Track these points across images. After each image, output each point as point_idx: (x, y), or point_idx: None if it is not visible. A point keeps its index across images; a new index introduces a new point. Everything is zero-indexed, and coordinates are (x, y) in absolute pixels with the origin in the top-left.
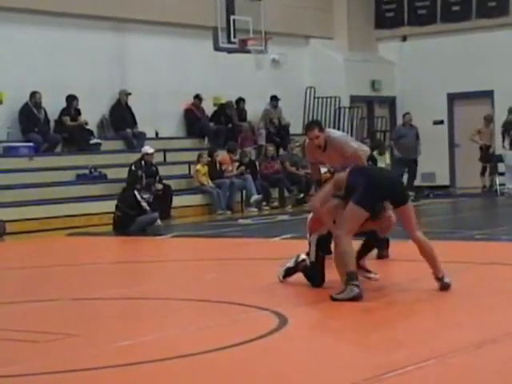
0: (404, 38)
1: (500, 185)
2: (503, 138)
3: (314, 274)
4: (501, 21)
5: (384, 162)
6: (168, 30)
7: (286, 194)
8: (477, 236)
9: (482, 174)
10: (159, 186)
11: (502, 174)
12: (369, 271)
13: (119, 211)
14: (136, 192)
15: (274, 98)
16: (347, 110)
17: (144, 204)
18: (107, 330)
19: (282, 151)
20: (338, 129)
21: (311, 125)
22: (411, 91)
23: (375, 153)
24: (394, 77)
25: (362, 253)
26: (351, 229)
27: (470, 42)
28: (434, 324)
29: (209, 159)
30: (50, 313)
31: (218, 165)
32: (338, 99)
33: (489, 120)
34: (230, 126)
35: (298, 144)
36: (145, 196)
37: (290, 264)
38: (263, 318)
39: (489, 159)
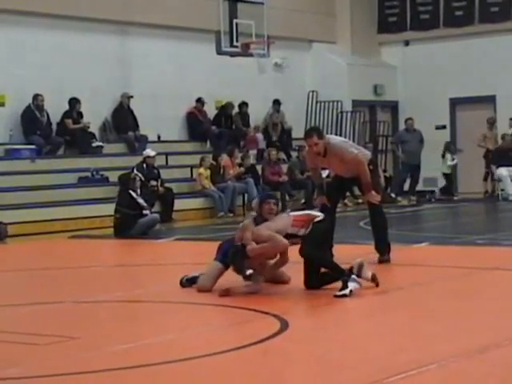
0: (407, 43)
1: (501, 190)
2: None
3: None
4: (503, 26)
5: (446, 163)
6: (171, 34)
7: (287, 198)
8: (478, 241)
9: (485, 179)
10: (153, 183)
11: None
12: None
13: (118, 213)
14: (131, 191)
15: (277, 102)
16: (349, 114)
17: (141, 201)
18: (108, 332)
19: (283, 155)
20: (340, 133)
21: (310, 132)
22: (414, 96)
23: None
24: (396, 81)
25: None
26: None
27: (472, 46)
28: (436, 328)
29: (213, 163)
30: (50, 315)
31: (222, 169)
32: (340, 103)
33: (491, 122)
34: (232, 128)
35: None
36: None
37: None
38: (264, 321)
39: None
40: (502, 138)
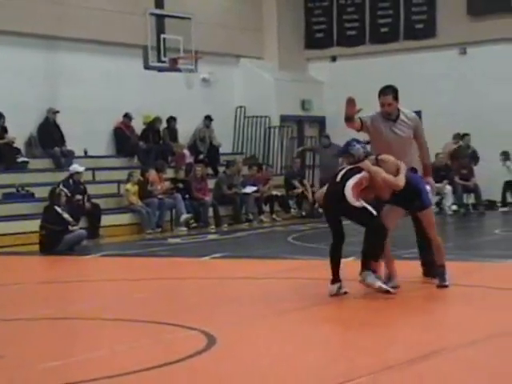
0: (333, 59)
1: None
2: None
3: None
4: (427, 42)
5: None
6: (99, 48)
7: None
8: (405, 255)
9: None
10: (78, 197)
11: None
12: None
13: (44, 229)
14: (56, 207)
15: (208, 118)
16: (277, 129)
17: (66, 216)
18: (34, 350)
19: (210, 171)
20: (269, 149)
21: (386, 89)
22: (341, 111)
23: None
24: (323, 97)
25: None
26: None
27: (397, 62)
28: (365, 341)
29: (141, 178)
30: None
31: (149, 184)
32: (268, 119)
33: (459, 138)
34: (160, 143)
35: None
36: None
37: None
38: (192, 337)
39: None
40: (436, 156)
